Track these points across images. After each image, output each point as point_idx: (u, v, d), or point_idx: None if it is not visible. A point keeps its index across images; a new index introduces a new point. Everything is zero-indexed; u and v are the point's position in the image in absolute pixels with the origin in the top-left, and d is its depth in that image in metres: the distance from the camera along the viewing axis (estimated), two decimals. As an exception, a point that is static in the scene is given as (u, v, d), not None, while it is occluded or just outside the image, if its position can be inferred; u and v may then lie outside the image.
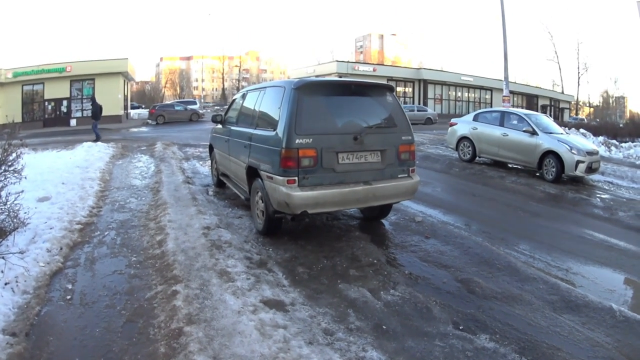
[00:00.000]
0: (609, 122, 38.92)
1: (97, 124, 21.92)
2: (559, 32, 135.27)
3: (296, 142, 5.76)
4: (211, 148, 10.35)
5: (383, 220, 7.73)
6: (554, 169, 12.41)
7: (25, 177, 6.20)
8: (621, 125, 33.16)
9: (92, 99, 24.97)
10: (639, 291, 6.03)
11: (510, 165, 14.56)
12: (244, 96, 8.44)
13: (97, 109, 22.36)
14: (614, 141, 22.08)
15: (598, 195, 11.08)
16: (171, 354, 3.57)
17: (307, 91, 6.12)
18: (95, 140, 19.23)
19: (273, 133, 6.14)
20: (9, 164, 5.84)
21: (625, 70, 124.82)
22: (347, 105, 6.46)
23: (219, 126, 9.41)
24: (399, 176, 6.56)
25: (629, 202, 10.43)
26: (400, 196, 6.77)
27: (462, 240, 6.88)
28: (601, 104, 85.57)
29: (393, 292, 4.93)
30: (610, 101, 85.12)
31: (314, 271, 5.46)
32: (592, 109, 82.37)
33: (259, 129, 6.81)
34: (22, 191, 5.98)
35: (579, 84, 72.25)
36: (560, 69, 74.83)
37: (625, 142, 22.18)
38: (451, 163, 15.12)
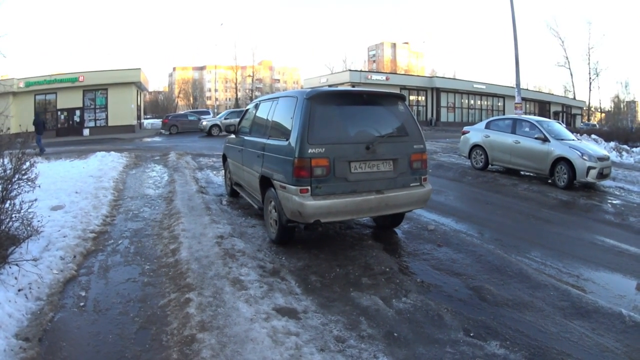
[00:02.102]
0: (621, 127, 38.66)
1: (40, 137, 22.03)
2: (569, 37, 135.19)
3: (309, 151, 5.81)
4: (225, 158, 10.39)
5: (396, 229, 7.73)
6: (565, 176, 12.38)
7: (39, 186, 6.27)
8: (633, 130, 33.07)
9: (36, 114, 25.18)
10: None
11: (522, 173, 14.55)
12: (257, 106, 8.49)
13: (38, 123, 22.63)
14: (625, 146, 22.03)
15: (609, 201, 11.03)
16: None
17: (319, 101, 6.17)
18: (39, 154, 19.28)
19: (286, 143, 6.18)
20: (23, 172, 5.90)
21: (636, 74, 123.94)
22: (359, 115, 6.50)
23: (233, 136, 9.46)
24: (411, 185, 6.57)
25: (639, 208, 10.39)
26: (412, 205, 6.77)
27: (474, 248, 6.86)
28: (612, 109, 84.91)
29: (405, 300, 4.94)
30: (622, 106, 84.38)
31: (326, 279, 5.47)
32: (603, 114, 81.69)
33: (272, 139, 6.85)
34: (36, 199, 6.03)
35: (590, 90, 71.42)
36: (571, 74, 73.58)
37: (637, 146, 22.13)
38: (464, 171, 15.08)
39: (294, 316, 4.39)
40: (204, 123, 36.70)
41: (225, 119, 35.49)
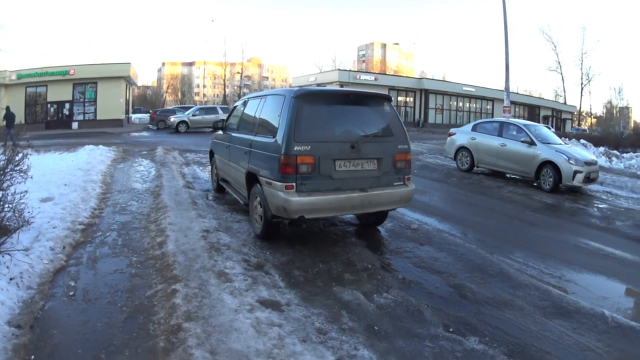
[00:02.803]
0: (612, 133, 38.76)
1: (11, 131, 21.85)
2: (562, 42, 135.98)
3: (295, 149, 5.93)
4: (212, 154, 10.50)
5: (379, 227, 7.88)
6: (551, 179, 12.54)
7: (32, 177, 6.37)
8: (624, 136, 33.25)
9: (7, 107, 25.18)
10: (633, 298, 6.11)
11: (508, 175, 14.78)
12: (245, 103, 8.62)
13: (9, 116, 22.58)
14: (615, 152, 22.22)
15: (595, 205, 11.19)
16: (170, 348, 3.70)
17: (307, 100, 6.30)
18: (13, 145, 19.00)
19: (272, 140, 6.31)
20: (16, 163, 5.97)
21: (629, 80, 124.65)
22: (345, 114, 6.63)
23: (220, 132, 9.58)
24: (395, 184, 6.72)
25: (627, 212, 10.54)
26: (395, 203, 6.92)
27: (456, 248, 7.01)
28: (604, 115, 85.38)
29: (386, 296, 5.07)
30: (614, 112, 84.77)
31: (309, 274, 5.60)
32: (594, 120, 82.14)
33: (259, 136, 6.97)
34: (26, 191, 6.08)
35: (581, 95, 71.93)
36: (563, 79, 74.04)
37: (627, 152, 22.33)
38: (449, 173, 15.27)
39: (277, 308, 4.51)
40: (172, 119, 36.53)
41: (193, 115, 35.51)
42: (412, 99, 56.15)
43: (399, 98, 53.78)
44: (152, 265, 5.66)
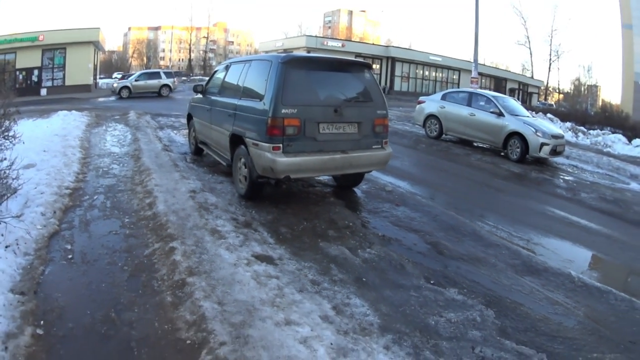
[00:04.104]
0: (579, 110, 39.50)
1: None
2: (533, 17, 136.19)
3: (282, 112, 6.15)
4: (189, 117, 10.55)
5: (355, 189, 8.18)
6: (518, 150, 12.93)
7: (23, 142, 6.50)
8: (591, 114, 33.87)
9: None
10: (598, 263, 6.56)
11: (475, 144, 15.22)
12: (227, 68, 8.69)
13: None
14: (582, 128, 22.51)
15: (561, 177, 11.64)
16: (178, 302, 3.92)
17: (293, 65, 6.49)
18: None
19: (260, 103, 6.48)
20: (3, 129, 6.01)
21: (599, 60, 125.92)
22: (329, 80, 6.85)
23: (199, 96, 9.63)
24: (373, 147, 7.03)
25: (592, 185, 11.01)
26: (373, 165, 7.26)
27: (430, 209, 7.42)
28: (572, 91, 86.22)
29: (369, 251, 5.40)
30: (582, 89, 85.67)
31: (295, 231, 5.88)
32: (562, 96, 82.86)
33: (245, 99, 7.11)
34: (6, 159, 6.03)
35: (549, 70, 72.39)
36: (531, 53, 74.07)
37: (594, 129, 22.62)
38: (418, 139, 15.61)
39: (272, 262, 4.77)
40: (114, 85, 35.88)
41: (136, 81, 34.77)
42: (378, 66, 55.96)
43: (368, 65, 53.59)
44: (145, 225, 5.82)
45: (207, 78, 11.06)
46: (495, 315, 4.25)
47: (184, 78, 62.91)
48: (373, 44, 72.89)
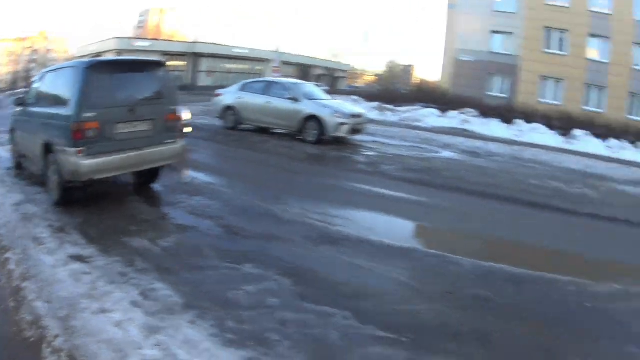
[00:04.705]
0: (390, 90, 41.99)
1: None
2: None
3: (83, 116, 6.58)
4: (12, 131, 10.22)
5: (155, 185, 8.73)
6: (315, 132, 13.90)
7: None
8: (403, 92, 36.76)
9: None
10: (398, 226, 7.31)
11: (273, 131, 15.81)
12: (42, 78, 8.76)
13: None
14: (389, 106, 24.49)
15: (362, 153, 12.76)
16: (19, 305, 4.40)
17: (96, 70, 6.94)
18: None
19: (66, 109, 6.83)
20: None
21: (413, 41, 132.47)
22: (127, 81, 7.34)
23: (20, 108, 9.48)
24: (166, 142, 7.67)
25: (395, 158, 12.26)
26: (168, 159, 7.90)
27: (224, 196, 8.12)
28: (387, 73, 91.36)
29: (168, 240, 5.99)
30: (397, 70, 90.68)
31: (101, 231, 6.30)
32: (376, 77, 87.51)
33: (55, 107, 7.35)
34: None
35: (358, 54, 76.02)
36: (339, 38, 77.68)
37: (403, 106, 24.62)
38: (216, 131, 16.15)
39: (84, 261, 5.25)
40: None
41: None
42: (184, 62, 56.47)
43: (173, 63, 52.76)
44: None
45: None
46: (293, 283, 4.77)
47: (8, 92, 58.02)
48: (179, 41, 72.01)
